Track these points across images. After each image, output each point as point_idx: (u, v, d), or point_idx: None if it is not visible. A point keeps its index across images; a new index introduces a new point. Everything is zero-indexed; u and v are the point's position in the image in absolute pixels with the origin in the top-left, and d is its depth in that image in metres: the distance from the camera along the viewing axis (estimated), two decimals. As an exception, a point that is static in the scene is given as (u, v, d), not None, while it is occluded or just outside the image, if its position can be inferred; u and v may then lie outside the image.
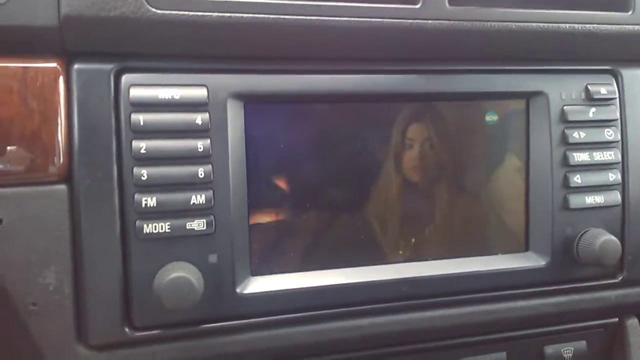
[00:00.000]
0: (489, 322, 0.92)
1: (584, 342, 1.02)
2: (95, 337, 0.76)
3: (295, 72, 0.81)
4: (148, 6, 0.71)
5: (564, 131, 0.91)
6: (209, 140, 0.76)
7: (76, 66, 0.73)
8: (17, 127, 0.71)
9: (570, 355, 1.01)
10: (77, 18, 0.70)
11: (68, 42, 0.72)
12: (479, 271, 0.89)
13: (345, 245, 0.86)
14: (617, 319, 1.03)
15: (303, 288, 0.82)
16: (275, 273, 0.83)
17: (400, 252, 0.89)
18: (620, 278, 0.97)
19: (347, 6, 0.77)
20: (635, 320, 1.04)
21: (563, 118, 0.91)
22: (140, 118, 0.74)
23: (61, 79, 0.73)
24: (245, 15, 0.74)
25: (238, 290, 0.79)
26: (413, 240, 0.89)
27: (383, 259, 0.87)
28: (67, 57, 0.73)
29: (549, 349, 1.00)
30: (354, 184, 0.86)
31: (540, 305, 0.94)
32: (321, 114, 0.85)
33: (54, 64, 0.73)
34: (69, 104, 0.73)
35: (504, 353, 0.97)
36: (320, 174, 0.85)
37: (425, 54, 0.85)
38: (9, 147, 0.71)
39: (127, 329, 0.76)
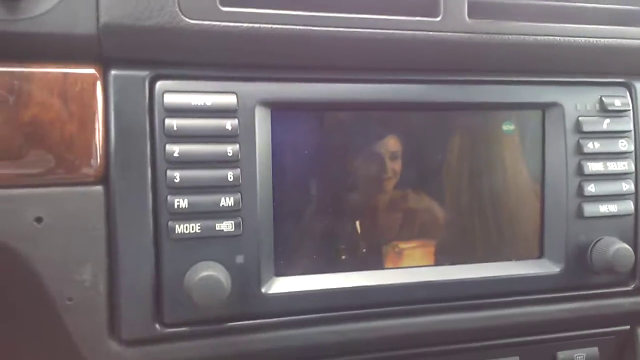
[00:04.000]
0: (503, 326, 0.94)
1: (595, 349, 1.03)
2: (127, 332, 0.78)
3: (321, 80, 0.83)
4: (182, 16, 0.74)
5: (578, 141, 0.93)
6: (237, 145, 0.79)
7: (113, 72, 0.76)
8: (57, 130, 0.73)
9: (582, 360, 1.02)
10: (115, 27, 0.73)
11: (106, 50, 0.74)
12: (494, 276, 0.91)
13: (366, 248, 0.88)
14: (628, 327, 1.04)
15: (325, 289, 0.84)
16: (299, 274, 0.85)
17: (420, 256, 0.91)
18: (632, 286, 0.98)
19: (371, 18, 0.80)
20: (647, 328, 1.06)
21: (578, 128, 0.93)
22: (173, 123, 0.77)
23: (99, 85, 0.75)
24: (274, 26, 0.76)
25: (263, 290, 0.81)
26: (432, 245, 0.92)
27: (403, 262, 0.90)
28: (105, 64, 0.76)
29: (562, 354, 1.01)
30: (376, 190, 0.89)
31: (554, 311, 0.95)
32: (345, 122, 0.87)
33: (92, 70, 0.75)
34: (106, 109, 0.76)
35: (517, 357, 0.99)
36: (343, 179, 0.87)
37: (445, 64, 0.88)
38: (49, 149, 0.73)
39: (157, 326, 0.78)
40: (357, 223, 0.88)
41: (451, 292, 0.90)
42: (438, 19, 0.82)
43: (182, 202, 0.77)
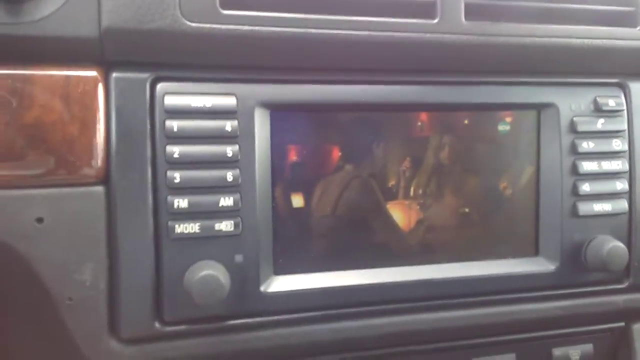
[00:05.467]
0: (500, 323, 0.95)
1: (590, 345, 1.04)
2: (127, 330, 0.79)
3: (319, 82, 0.84)
4: (183, 20, 0.74)
5: (573, 141, 0.94)
6: (237, 146, 0.80)
7: (114, 75, 0.77)
8: (59, 131, 0.74)
9: (578, 357, 1.03)
10: (117, 30, 0.73)
11: (107, 52, 0.75)
12: (491, 274, 0.92)
13: (364, 247, 0.90)
14: (623, 324, 1.05)
15: (323, 287, 0.85)
16: (297, 273, 0.85)
17: (417, 255, 0.92)
18: (627, 283, 0.99)
19: (368, 21, 0.81)
20: (642, 324, 1.07)
21: (573, 128, 0.93)
22: (174, 124, 0.78)
23: (100, 87, 0.76)
24: (273, 28, 0.77)
25: (262, 288, 0.82)
26: (430, 244, 0.93)
27: (400, 261, 0.90)
28: (106, 66, 0.77)
29: (557, 351, 1.02)
30: (374, 189, 0.90)
31: (549, 309, 0.96)
32: (342, 122, 0.88)
33: (94, 73, 0.76)
34: (107, 110, 0.76)
35: (513, 354, 1.00)
36: (341, 179, 0.88)
37: (441, 66, 0.89)
38: (51, 150, 0.74)
39: (157, 324, 0.79)
40: (355, 222, 0.90)
41: (448, 290, 0.91)
42: (435, 20, 0.83)
43: (181, 202, 0.78)
